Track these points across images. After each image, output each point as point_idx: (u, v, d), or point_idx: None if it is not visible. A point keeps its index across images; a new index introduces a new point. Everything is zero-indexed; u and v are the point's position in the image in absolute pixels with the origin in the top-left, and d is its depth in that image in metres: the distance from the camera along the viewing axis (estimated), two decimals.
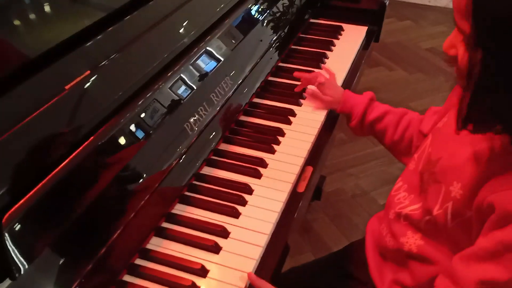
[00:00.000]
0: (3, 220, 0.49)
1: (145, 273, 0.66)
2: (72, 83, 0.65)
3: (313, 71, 1.11)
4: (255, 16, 1.09)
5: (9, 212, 0.50)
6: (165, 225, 0.74)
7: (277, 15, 1.17)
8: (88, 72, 0.68)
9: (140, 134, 0.71)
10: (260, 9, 1.11)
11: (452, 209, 0.68)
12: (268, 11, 1.13)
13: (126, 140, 0.68)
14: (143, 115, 0.72)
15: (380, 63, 2.61)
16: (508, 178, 0.60)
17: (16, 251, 0.50)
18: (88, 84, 0.68)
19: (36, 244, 0.52)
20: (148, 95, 0.74)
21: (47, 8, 0.73)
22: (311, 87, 1.04)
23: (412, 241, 0.77)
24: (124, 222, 0.66)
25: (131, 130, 0.69)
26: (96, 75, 0.69)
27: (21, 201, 0.52)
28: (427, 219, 0.73)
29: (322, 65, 1.13)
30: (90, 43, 0.71)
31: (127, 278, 0.66)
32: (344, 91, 1.01)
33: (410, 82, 2.44)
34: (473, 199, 0.64)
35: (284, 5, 1.21)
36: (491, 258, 0.59)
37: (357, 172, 1.92)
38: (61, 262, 0.55)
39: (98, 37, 0.72)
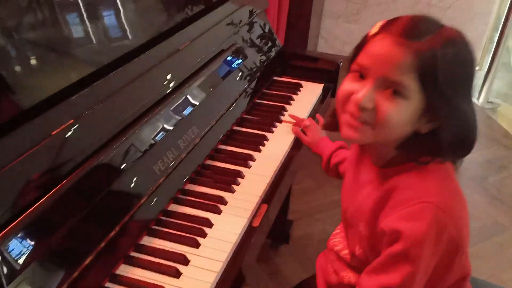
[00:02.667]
0: None
1: None
2: (60, 128, 0.77)
3: (273, 122, 1.27)
4: (226, 74, 1.24)
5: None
6: (133, 254, 0.84)
7: (245, 74, 1.34)
8: (72, 121, 0.81)
9: (117, 172, 0.83)
10: (230, 68, 1.27)
11: (367, 245, 0.81)
12: (237, 69, 1.29)
13: (105, 176, 0.80)
14: (119, 155, 0.84)
15: None
16: (391, 207, 0.73)
17: (5, 267, 0.60)
18: (72, 130, 0.80)
19: (21, 261, 0.63)
20: (123, 139, 0.87)
21: (43, 62, 0.85)
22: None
23: (351, 274, 0.90)
24: (96, 249, 0.76)
25: (110, 167, 0.82)
26: (81, 122, 0.81)
27: (9, 226, 0.63)
28: (355, 259, 0.87)
29: (310, 118, 1.27)
30: (78, 94, 0.83)
31: None
32: (322, 137, 1.18)
33: None
34: (376, 232, 0.76)
35: (252, 66, 1.38)
36: (384, 268, 0.72)
37: (324, 218, 2.03)
38: (43, 276, 0.65)
39: (86, 90, 0.85)
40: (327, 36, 3.51)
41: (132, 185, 0.87)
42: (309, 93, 1.44)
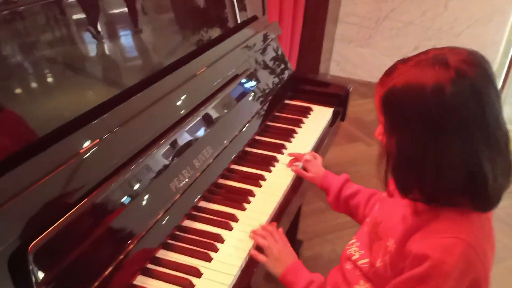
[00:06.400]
0: (29, 248, 0.66)
1: None
2: (84, 149, 0.84)
3: (283, 144, 1.32)
4: (239, 97, 1.31)
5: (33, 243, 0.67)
6: (150, 266, 0.89)
7: (258, 97, 1.40)
8: (97, 140, 0.87)
9: (137, 189, 0.89)
10: (244, 91, 1.33)
11: (389, 261, 0.85)
12: (250, 93, 1.36)
13: (126, 193, 0.86)
14: (139, 174, 0.90)
15: (359, 139, 2.84)
16: (425, 233, 0.77)
17: (37, 273, 0.66)
18: (96, 150, 0.86)
19: (50, 268, 0.69)
20: (144, 158, 0.93)
21: (70, 91, 0.93)
22: (298, 164, 1.23)
23: (365, 286, 0.92)
24: (116, 261, 0.82)
25: (131, 184, 0.88)
26: (103, 143, 0.88)
27: (41, 236, 0.69)
28: (373, 270, 0.90)
29: (311, 151, 1.27)
30: (101, 118, 0.90)
31: None
32: (325, 171, 1.18)
33: None
34: (403, 251, 0.80)
35: (264, 90, 1.44)
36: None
37: (334, 239, 2.06)
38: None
39: (108, 113, 0.92)
40: (339, 59, 3.58)
41: (151, 201, 0.92)
42: (319, 117, 1.49)
